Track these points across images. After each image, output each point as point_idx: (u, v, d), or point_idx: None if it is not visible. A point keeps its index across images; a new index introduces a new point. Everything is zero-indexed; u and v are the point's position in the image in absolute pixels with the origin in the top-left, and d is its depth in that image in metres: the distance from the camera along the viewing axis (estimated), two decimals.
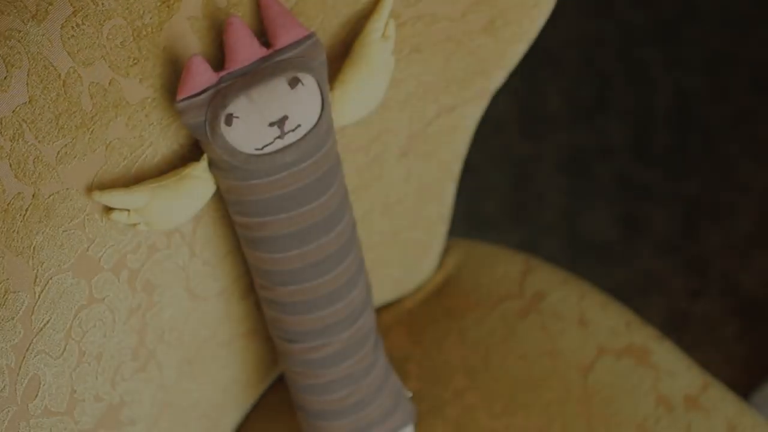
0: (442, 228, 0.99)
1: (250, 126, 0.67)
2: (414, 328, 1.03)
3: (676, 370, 0.98)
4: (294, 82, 0.67)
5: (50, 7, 0.60)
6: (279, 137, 0.68)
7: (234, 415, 0.93)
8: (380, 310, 1.04)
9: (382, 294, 1.01)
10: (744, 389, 1.53)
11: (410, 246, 0.97)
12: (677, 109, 1.73)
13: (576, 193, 1.68)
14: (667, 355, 1.00)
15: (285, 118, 0.68)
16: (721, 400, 0.97)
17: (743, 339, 1.56)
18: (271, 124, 0.67)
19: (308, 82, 0.68)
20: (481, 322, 1.01)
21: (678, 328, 1.58)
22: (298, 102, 0.68)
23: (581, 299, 1.04)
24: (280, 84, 0.67)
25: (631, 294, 1.59)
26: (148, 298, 0.73)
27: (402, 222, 0.93)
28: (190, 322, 0.79)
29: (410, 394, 0.92)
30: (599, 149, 1.71)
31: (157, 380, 0.78)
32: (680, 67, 1.75)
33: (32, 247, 0.62)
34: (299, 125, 0.68)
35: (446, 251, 1.06)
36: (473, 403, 0.96)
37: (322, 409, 0.84)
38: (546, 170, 1.70)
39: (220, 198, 0.74)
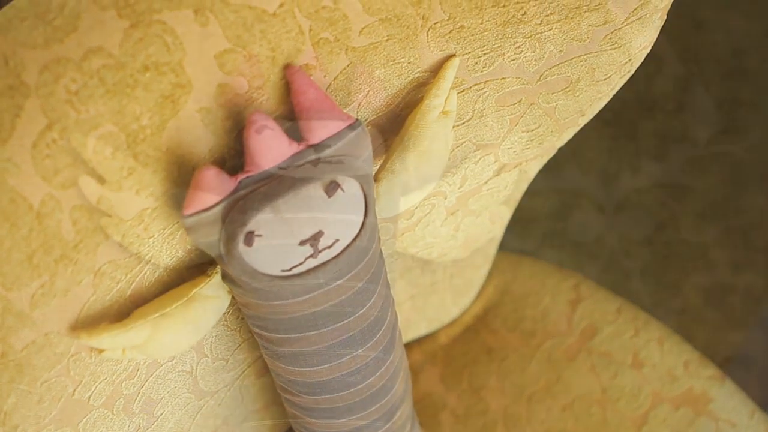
0: (486, 267, 0.86)
1: (276, 245, 0.52)
2: (449, 369, 0.91)
3: (737, 421, 0.89)
4: (332, 189, 0.52)
5: (17, 120, 0.45)
6: (311, 256, 0.53)
7: None
8: (410, 346, 0.92)
9: (413, 333, 0.89)
10: None
11: (450, 291, 0.84)
12: (729, 57, 1.56)
13: (615, 151, 1.54)
14: (728, 402, 0.90)
15: (320, 234, 0.53)
16: None
17: None
18: (302, 243, 0.53)
19: (349, 186, 0.53)
20: (525, 365, 0.90)
21: (718, 304, 1.47)
22: (336, 213, 0.53)
23: (635, 335, 0.94)
24: (314, 191, 0.52)
25: (670, 266, 1.47)
26: (148, 416, 0.61)
27: (444, 273, 0.79)
28: (197, 419, 0.67)
29: None
30: (641, 102, 1.55)
31: None
32: (735, 8, 1.58)
33: (3, 413, 0.49)
34: (337, 240, 0.54)
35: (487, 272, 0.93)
36: None
37: None
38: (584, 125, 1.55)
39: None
